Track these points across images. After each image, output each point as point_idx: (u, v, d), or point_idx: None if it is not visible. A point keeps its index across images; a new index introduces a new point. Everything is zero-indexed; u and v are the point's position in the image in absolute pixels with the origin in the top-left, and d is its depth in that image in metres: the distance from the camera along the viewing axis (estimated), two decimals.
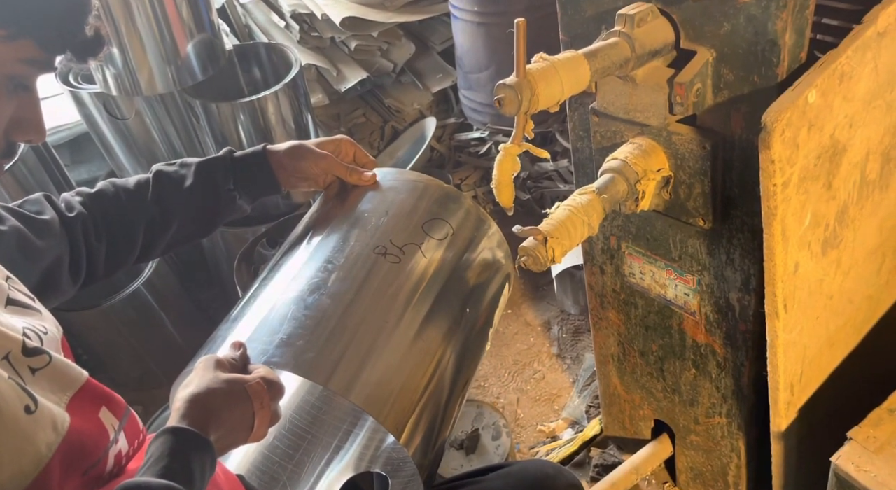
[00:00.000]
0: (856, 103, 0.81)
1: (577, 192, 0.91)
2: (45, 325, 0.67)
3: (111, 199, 0.87)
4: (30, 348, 0.59)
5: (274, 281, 0.79)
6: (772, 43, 0.77)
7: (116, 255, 0.87)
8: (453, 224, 0.86)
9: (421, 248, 0.81)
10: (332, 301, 0.73)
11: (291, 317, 0.71)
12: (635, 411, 1.35)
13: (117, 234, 0.87)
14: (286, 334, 0.69)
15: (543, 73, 0.72)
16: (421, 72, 2.41)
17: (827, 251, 0.90)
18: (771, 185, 0.76)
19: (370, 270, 0.77)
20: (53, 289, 0.81)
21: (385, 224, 0.82)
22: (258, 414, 0.64)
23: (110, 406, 0.67)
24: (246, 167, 0.90)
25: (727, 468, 1.24)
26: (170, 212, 0.88)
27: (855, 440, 0.88)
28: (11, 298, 0.66)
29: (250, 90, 1.90)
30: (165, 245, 0.91)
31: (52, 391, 0.60)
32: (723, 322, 1.06)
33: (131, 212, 0.87)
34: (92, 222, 0.85)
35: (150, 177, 0.89)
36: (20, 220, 0.79)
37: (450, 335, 0.79)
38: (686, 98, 0.84)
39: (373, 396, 0.68)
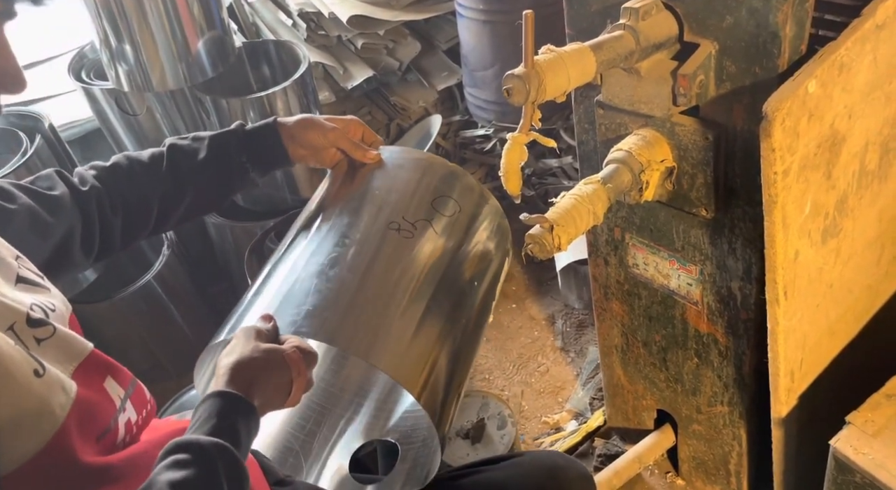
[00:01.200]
0: (855, 94, 0.83)
1: (583, 182, 0.93)
2: (54, 301, 0.69)
3: (126, 173, 0.88)
4: (34, 319, 0.61)
5: (293, 256, 0.81)
6: (773, 35, 0.79)
7: (132, 227, 0.89)
8: (459, 200, 0.89)
9: (432, 224, 0.84)
10: (351, 274, 0.77)
11: (315, 290, 0.74)
12: (638, 401, 1.37)
13: (132, 207, 0.88)
14: (312, 306, 0.73)
15: (551, 64, 0.75)
16: (426, 70, 2.43)
17: (827, 240, 0.92)
18: (772, 173, 0.79)
19: (385, 245, 0.81)
20: (66, 263, 0.83)
21: (395, 201, 0.86)
22: (295, 381, 0.67)
23: (115, 376, 0.69)
24: (257, 139, 0.91)
25: (729, 456, 1.25)
26: (183, 184, 0.90)
27: (853, 424, 0.90)
28: (21, 276, 0.68)
29: (259, 87, 1.93)
30: (179, 217, 0.92)
31: (58, 361, 0.62)
32: (724, 311, 1.08)
33: (146, 184, 0.88)
34: (107, 195, 0.86)
35: (163, 150, 0.90)
36: (31, 197, 0.80)
37: (460, 304, 0.83)
38: (689, 89, 0.86)
39: (392, 361, 0.73)
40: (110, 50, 1.61)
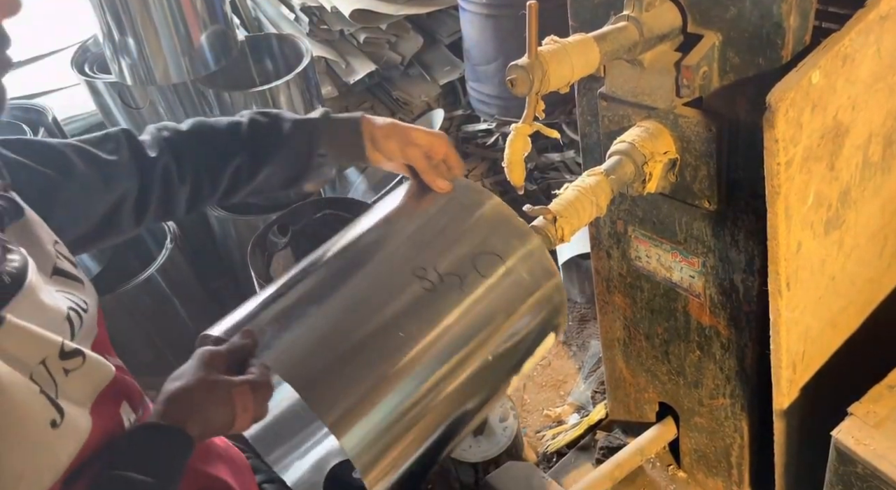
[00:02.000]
0: (858, 86, 0.83)
1: (586, 174, 0.93)
2: (87, 299, 0.67)
3: (202, 140, 0.85)
4: (67, 351, 0.60)
5: (317, 265, 0.76)
6: (777, 26, 0.79)
7: (198, 196, 0.86)
8: (508, 263, 0.77)
9: (462, 282, 0.74)
10: (352, 318, 0.70)
11: (307, 320, 0.69)
12: (640, 394, 1.38)
13: (203, 176, 0.85)
14: (293, 338, 0.67)
15: (555, 55, 0.75)
16: (429, 64, 2.43)
17: (829, 231, 0.92)
18: (775, 164, 0.79)
19: (401, 294, 0.72)
20: (112, 231, 0.81)
21: (436, 244, 0.77)
22: (239, 417, 0.66)
23: (131, 400, 0.68)
24: (339, 132, 0.88)
25: (730, 449, 1.26)
26: (260, 162, 0.86)
27: (855, 415, 0.90)
28: (58, 268, 0.67)
29: (262, 80, 1.93)
30: (245, 193, 0.89)
31: (82, 391, 0.61)
32: (727, 303, 1.08)
33: (222, 155, 0.85)
34: (176, 163, 0.83)
35: (242, 121, 0.87)
36: (89, 164, 0.78)
37: (452, 379, 0.73)
38: (693, 81, 0.86)
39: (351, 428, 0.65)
40: (113, 43, 1.62)
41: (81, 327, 0.64)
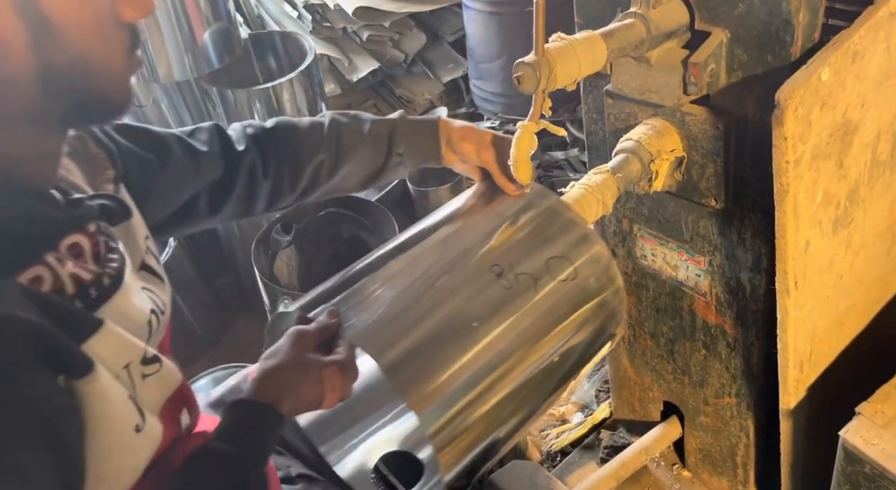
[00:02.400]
0: (868, 83, 0.83)
1: (592, 172, 0.93)
2: (165, 298, 0.68)
3: (286, 137, 0.87)
4: (148, 357, 0.61)
5: (398, 256, 0.80)
6: (786, 22, 0.79)
7: (279, 193, 0.88)
8: (578, 268, 0.82)
9: (536, 283, 0.78)
10: (433, 304, 0.74)
11: (391, 304, 0.73)
12: (645, 393, 1.37)
13: (284, 173, 0.87)
14: (379, 320, 0.72)
15: (562, 52, 0.74)
16: (432, 62, 2.42)
17: (838, 230, 0.92)
18: (784, 162, 0.78)
19: (480, 287, 0.76)
20: (191, 218, 0.84)
21: (512, 245, 0.81)
22: (327, 396, 0.69)
23: (188, 405, 0.70)
24: (418, 135, 0.90)
25: (736, 448, 1.25)
26: (341, 160, 0.88)
27: (863, 415, 0.90)
28: (145, 263, 0.68)
29: (265, 78, 1.93)
30: (322, 192, 0.91)
31: (154, 397, 0.62)
32: (733, 302, 1.08)
33: (304, 153, 0.87)
34: (261, 159, 0.85)
35: (323, 121, 0.89)
36: (184, 151, 0.80)
37: (523, 374, 0.77)
38: (700, 78, 0.85)
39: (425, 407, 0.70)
40: None
41: (158, 330, 0.65)
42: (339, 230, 1.79)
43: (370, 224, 1.75)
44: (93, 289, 0.56)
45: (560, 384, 0.84)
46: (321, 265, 1.84)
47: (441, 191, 2.00)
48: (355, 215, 1.74)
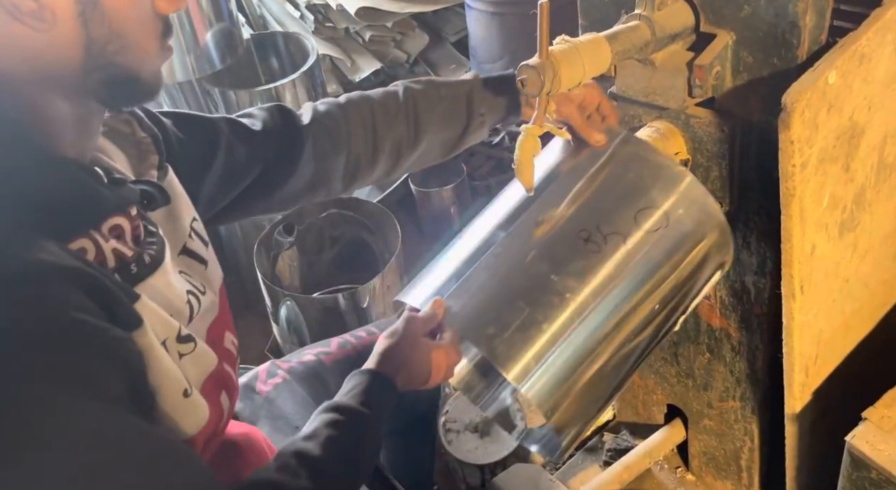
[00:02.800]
0: (875, 85, 0.82)
1: None
2: (205, 283, 0.70)
3: (359, 109, 0.86)
4: (183, 336, 0.63)
5: (484, 236, 0.81)
6: (792, 24, 0.78)
7: (357, 167, 0.88)
8: (671, 214, 0.80)
9: (626, 241, 0.78)
10: (524, 284, 0.77)
11: (486, 287, 0.77)
12: (648, 396, 1.37)
13: (360, 146, 0.87)
14: (476, 307, 0.76)
15: (566, 55, 0.73)
16: (434, 62, 2.42)
17: (844, 234, 0.91)
18: (790, 165, 0.77)
19: (567, 257, 0.77)
20: (257, 199, 0.85)
21: (597, 204, 0.80)
22: (434, 375, 0.78)
23: (228, 390, 0.72)
24: (498, 92, 0.89)
25: (740, 452, 1.25)
26: (421, 128, 0.88)
27: (869, 420, 0.89)
28: (187, 248, 0.70)
29: (267, 79, 1.92)
30: (409, 164, 0.91)
31: (193, 376, 0.64)
32: (738, 305, 1.07)
33: (380, 124, 0.87)
34: (329, 133, 0.85)
35: (398, 91, 0.88)
36: (240, 136, 0.80)
37: (630, 332, 0.79)
38: (705, 81, 0.85)
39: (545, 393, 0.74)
40: None
41: (199, 311, 0.67)
42: (342, 231, 1.79)
43: (372, 225, 1.75)
44: (133, 265, 0.59)
45: (668, 324, 0.85)
46: (323, 266, 1.83)
47: (444, 191, 1.99)
48: (357, 216, 1.74)
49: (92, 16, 0.53)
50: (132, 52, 0.57)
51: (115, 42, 0.55)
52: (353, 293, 1.57)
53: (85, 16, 0.53)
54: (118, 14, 0.55)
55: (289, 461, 0.65)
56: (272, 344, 1.76)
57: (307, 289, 1.80)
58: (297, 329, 1.62)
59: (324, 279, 1.83)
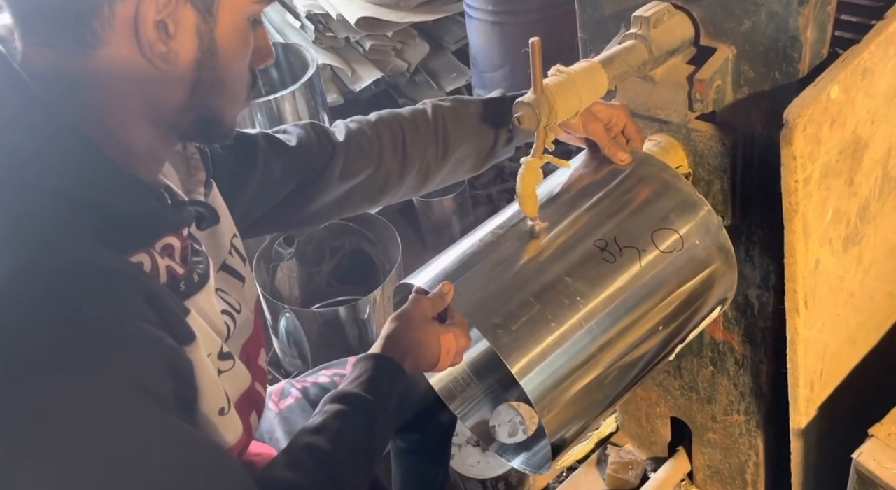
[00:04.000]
0: (878, 99, 0.81)
1: None
2: (241, 302, 0.71)
3: (389, 126, 0.88)
4: (224, 353, 0.65)
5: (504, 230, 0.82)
6: (793, 39, 0.77)
7: (387, 182, 0.89)
8: (686, 238, 0.83)
9: (640, 257, 0.80)
10: (538, 280, 0.77)
11: (497, 278, 0.77)
12: (652, 409, 1.35)
13: (391, 163, 0.88)
14: (485, 294, 0.76)
15: (561, 88, 0.73)
16: (435, 71, 2.42)
17: (848, 248, 0.90)
18: (792, 181, 0.77)
19: (581, 261, 0.79)
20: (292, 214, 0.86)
21: (616, 218, 0.82)
22: (442, 358, 0.76)
23: (258, 410, 0.72)
24: None
25: (745, 466, 1.23)
26: (450, 145, 0.90)
27: (876, 437, 0.88)
28: (226, 264, 0.71)
29: (267, 90, 1.92)
30: (441, 179, 0.93)
31: (230, 394, 0.65)
32: (741, 319, 1.06)
33: (410, 141, 0.88)
34: (362, 149, 0.87)
35: (427, 109, 0.91)
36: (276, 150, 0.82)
37: (631, 345, 0.80)
38: (706, 95, 0.84)
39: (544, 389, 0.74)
40: None
41: (235, 330, 0.69)
42: (342, 242, 1.78)
43: (373, 236, 1.74)
44: (182, 283, 0.61)
45: (667, 348, 0.86)
46: (323, 277, 1.83)
47: (445, 201, 1.98)
48: (358, 227, 1.73)
49: (207, 63, 0.58)
50: (227, 97, 0.61)
51: (217, 88, 0.60)
52: (353, 305, 1.56)
53: (201, 62, 0.58)
54: (228, 64, 0.60)
55: (301, 457, 0.65)
56: (272, 357, 1.75)
57: (307, 300, 1.80)
58: (297, 342, 1.61)
59: (324, 291, 1.82)
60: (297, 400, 0.94)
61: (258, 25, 0.64)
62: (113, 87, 0.55)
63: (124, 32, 0.54)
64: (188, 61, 0.57)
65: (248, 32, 0.61)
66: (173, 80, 0.57)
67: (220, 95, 0.61)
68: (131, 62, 0.55)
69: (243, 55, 0.61)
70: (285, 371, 1.71)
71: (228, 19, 0.58)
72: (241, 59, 0.61)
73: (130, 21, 0.53)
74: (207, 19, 0.57)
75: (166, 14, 0.54)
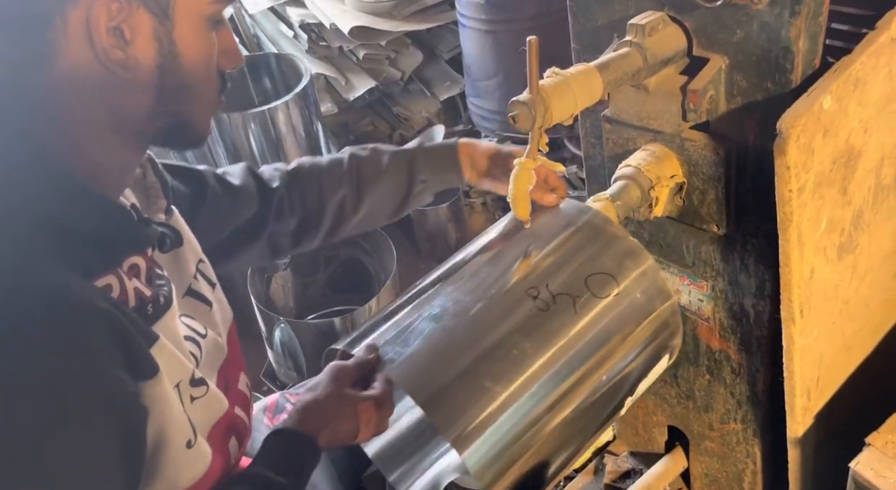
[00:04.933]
0: (870, 108, 0.81)
1: (591, 200, 0.91)
2: (209, 326, 0.70)
3: (307, 175, 0.90)
4: (196, 379, 0.63)
5: (436, 287, 0.79)
6: (785, 50, 0.77)
7: (305, 230, 0.91)
8: (622, 283, 0.79)
9: (575, 303, 0.76)
10: (465, 334, 0.73)
11: (426, 335, 0.73)
12: (648, 418, 1.35)
13: (308, 209, 0.90)
14: (415, 353, 0.71)
15: (556, 89, 0.73)
16: (429, 80, 2.42)
17: (843, 256, 0.90)
18: (787, 190, 0.77)
19: (514, 312, 0.74)
20: (234, 253, 0.87)
21: (549, 264, 0.79)
22: (362, 429, 0.72)
23: (238, 435, 0.71)
24: (438, 160, 0.93)
25: (742, 474, 1.23)
26: (363, 194, 0.91)
27: (873, 446, 0.88)
28: (192, 289, 0.70)
29: (261, 100, 1.92)
30: (352, 227, 0.94)
31: (201, 420, 0.63)
32: (737, 328, 1.06)
33: (326, 189, 0.90)
34: (287, 195, 0.89)
35: (344, 158, 0.92)
36: (221, 186, 0.83)
37: (569, 398, 0.75)
38: (699, 105, 0.84)
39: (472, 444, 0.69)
40: None
41: (202, 355, 0.67)
42: (337, 252, 1.78)
43: (368, 246, 1.74)
44: (150, 305, 0.60)
45: (617, 403, 0.82)
46: (318, 287, 1.82)
47: (440, 209, 1.98)
48: (352, 237, 1.73)
49: (170, 67, 0.58)
50: (196, 102, 0.61)
51: (184, 93, 0.59)
52: (349, 316, 1.55)
53: (163, 67, 0.57)
54: (192, 68, 0.59)
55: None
56: (267, 368, 1.74)
57: (301, 311, 1.79)
58: (292, 353, 1.60)
59: (319, 301, 1.81)
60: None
61: (220, 26, 0.63)
62: (75, 98, 0.54)
63: (79, 41, 0.53)
64: (149, 67, 0.56)
65: (210, 34, 0.60)
66: (136, 87, 0.57)
67: (188, 101, 0.60)
68: (91, 71, 0.54)
69: (208, 57, 0.60)
70: (280, 383, 1.70)
71: (186, 22, 0.57)
72: (206, 62, 0.60)
73: (83, 29, 0.52)
74: (164, 22, 0.56)
75: (120, 20, 0.53)
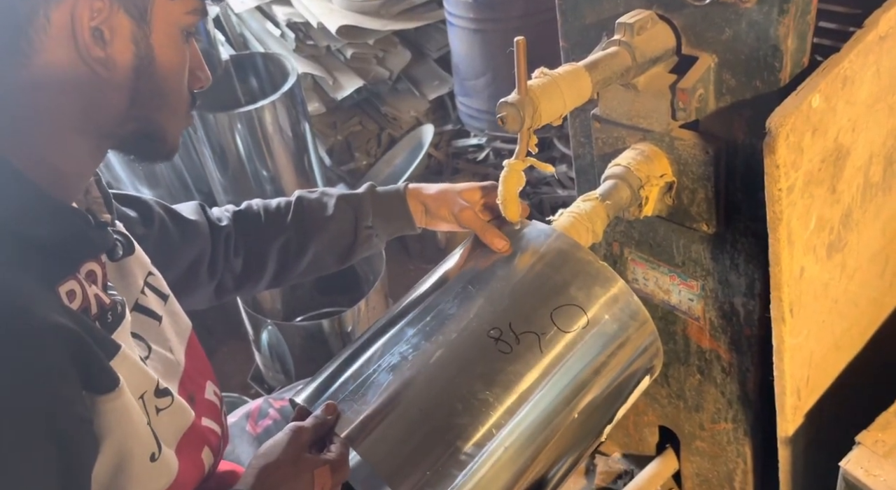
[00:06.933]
0: (858, 107, 0.81)
1: (581, 199, 0.91)
2: (154, 343, 0.68)
3: (253, 217, 0.90)
4: (161, 389, 0.62)
5: (391, 329, 0.74)
6: (774, 48, 0.77)
7: (247, 273, 0.90)
8: (591, 313, 0.72)
9: (540, 341, 0.69)
10: (428, 387, 0.68)
11: (386, 393, 0.68)
12: (639, 418, 1.35)
13: (252, 252, 0.89)
14: (372, 414, 0.68)
15: (545, 89, 0.72)
16: (417, 79, 2.41)
17: (832, 255, 0.90)
18: (776, 189, 0.76)
19: (477, 358, 0.69)
20: (194, 284, 0.85)
21: (510, 301, 0.72)
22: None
23: (211, 446, 0.70)
24: (386, 205, 0.91)
25: (733, 474, 1.23)
26: (308, 239, 0.90)
27: (863, 444, 0.88)
28: (139, 304, 0.68)
29: (247, 100, 1.90)
30: (300, 272, 0.92)
31: (168, 431, 0.63)
32: (727, 327, 1.05)
33: (267, 232, 0.89)
34: (234, 237, 0.88)
35: (291, 201, 0.91)
36: (170, 217, 0.83)
37: (538, 443, 0.70)
38: (689, 104, 0.84)
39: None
40: None
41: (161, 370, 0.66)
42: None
43: None
44: (109, 313, 0.60)
45: (592, 434, 0.78)
46: (306, 289, 1.80)
47: None
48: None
49: (146, 71, 0.59)
50: (167, 111, 0.62)
51: (157, 100, 0.61)
52: (337, 318, 1.54)
53: (139, 70, 0.59)
54: (167, 74, 0.60)
55: None
56: (255, 371, 1.72)
57: (289, 313, 1.77)
58: (279, 356, 1.58)
59: (306, 303, 1.79)
60: (275, 421, 0.92)
61: (192, 38, 0.64)
62: (47, 96, 0.55)
63: (61, 38, 0.54)
64: (126, 68, 0.58)
65: (183, 46, 0.62)
66: (112, 87, 0.58)
67: (160, 109, 0.61)
68: (69, 68, 0.55)
69: (180, 67, 0.62)
70: (268, 385, 1.68)
71: (162, 28, 0.59)
72: (179, 72, 0.62)
73: (67, 26, 0.54)
74: (142, 26, 0.58)
75: (101, 20, 0.55)
